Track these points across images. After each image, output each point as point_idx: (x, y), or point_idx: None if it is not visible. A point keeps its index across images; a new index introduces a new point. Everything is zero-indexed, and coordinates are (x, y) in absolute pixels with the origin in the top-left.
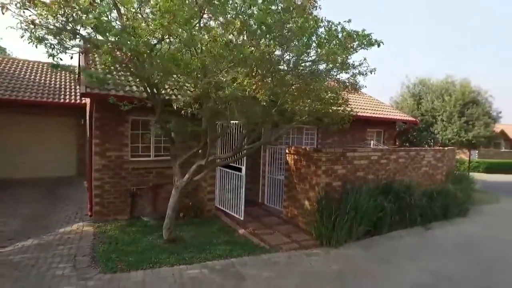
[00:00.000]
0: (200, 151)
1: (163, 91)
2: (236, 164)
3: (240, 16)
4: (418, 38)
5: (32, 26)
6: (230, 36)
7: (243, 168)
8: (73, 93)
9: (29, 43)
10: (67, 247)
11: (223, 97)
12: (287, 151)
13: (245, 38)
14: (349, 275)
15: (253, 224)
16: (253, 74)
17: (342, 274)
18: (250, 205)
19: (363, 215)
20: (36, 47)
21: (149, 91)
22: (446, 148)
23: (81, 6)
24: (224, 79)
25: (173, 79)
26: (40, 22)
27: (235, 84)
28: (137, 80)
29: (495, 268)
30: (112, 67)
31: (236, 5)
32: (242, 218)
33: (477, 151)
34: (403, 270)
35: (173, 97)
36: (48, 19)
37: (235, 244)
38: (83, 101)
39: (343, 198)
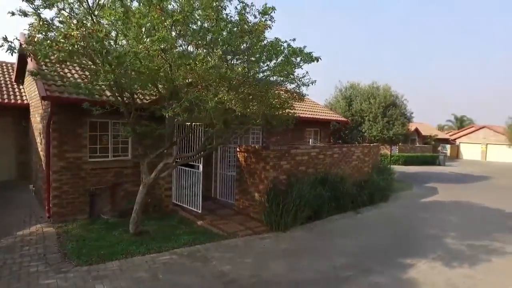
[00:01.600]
0: (165, 151)
1: (137, 99)
2: (194, 162)
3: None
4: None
5: None
6: (212, 61)
7: (200, 166)
8: (11, 93)
9: None
10: (33, 247)
11: (208, 108)
12: (238, 149)
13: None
14: (296, 251)
15: (210, 216)
16: (229, 90)
17: (290, 250)
18: (204, 200)
19: (306, 203)
20: None
21: (118, 96)
22: (372, 144)
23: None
24: (209, 95)
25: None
26: None
27: (216, 98)
28: (113, 88)
29: (406, 237)
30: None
31: (205, 30)
32: (199, 211)
33: (397, 147)
34: (337, 244)
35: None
36: None
37: (196, 233)
38: (25, 102)
39: (289, 189)
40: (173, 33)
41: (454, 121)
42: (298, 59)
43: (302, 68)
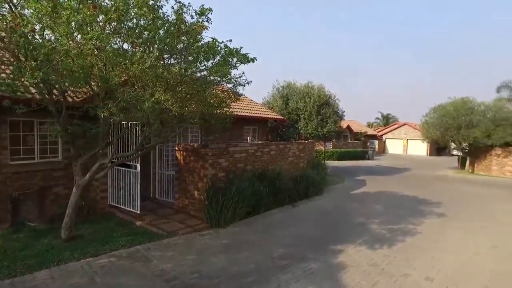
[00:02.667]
0: (100, 151)
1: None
2: (132, 162)
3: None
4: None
5: None
6: (149, 61)
7: (138, 166)
8: None
9: None
10: None
11: (145, 109)
12: (176, 148)
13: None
14: (236, 245)
15: (149, 216)
16: (166, 89)
17: (230, 245)
18: (143, 200)
19: (244, 199)
20: None
21: (46, 94)
22: (307, 141)
23: None
24: (146, 95)
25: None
26: None
27: (153, 98)
28: (41, 84)
29: (338, 226)
30: None
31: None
32: (138, 212)
33: (331, 143)
34: (275, 236)
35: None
36: None
37: (135, 234)
38: None
39: (228, 186)
40: (108, 31)
41: (381, 118)
42: (235, 59)
43: (237, 69)
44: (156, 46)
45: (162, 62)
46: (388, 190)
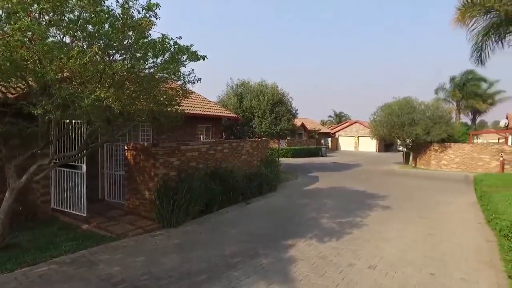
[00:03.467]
0: (39, 151)
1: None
2: (76, 162)
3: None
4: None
5: None
6: (87, 56)
7: (84, 166)
8: None
9: None
10: None
11: (84, 106)
12: (126, 147)
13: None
14: (188, 244)
15: (97, 219)
16: (108, 86)
17: (183, 245)
18: (90, 202)
19: (197, 197)
20: None
21: None
22: (260, 139)
23: None
24: (85, 92)
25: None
26: None
27: (93, 96)
28: None
29: (290, 221)
30: None
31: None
32: (84, 215)
33: (285, 140)
34: (228, 234)
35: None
36: None
37: (81, 239)
38: None
39: (180, 185)
40: (43, 22)
41: (334, 117)
42: (185, 57)
43: (185, 66)
44: (102, 41)
45: (108, 58)
46: (339, 186)
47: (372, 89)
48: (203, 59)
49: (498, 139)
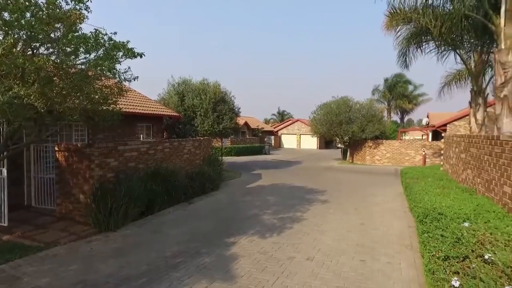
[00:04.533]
0: None
1: None
2: None
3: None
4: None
5: None
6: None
7: (4, 170)
8: None
9: None
10: None
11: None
12: (57, 148)
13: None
14: (127, 248)
15: (22, 228)
16: (32, 83)
17: (122, 249)
18: (13, 209)
19: (137, 199)
20: None
21: None
22: (203, 138)
23: None
24: (0, 88)
25: None
26: None
27: (10, 92)
28: None
29: (232, 219)
30: None
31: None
32: (5, 224)
33: (229, 139)
34: (169, 235)
35: None
36: None
37: (0, 252)
38: None
39: (118, 187)
40: None
41: (277, 115)
42: (120, 53)
43: (120, 64)
44: (23, 32)
45: (31, 51)
46: (281, 182)
47: (315, 88)
48: (140, 57)
49: (422, 136)
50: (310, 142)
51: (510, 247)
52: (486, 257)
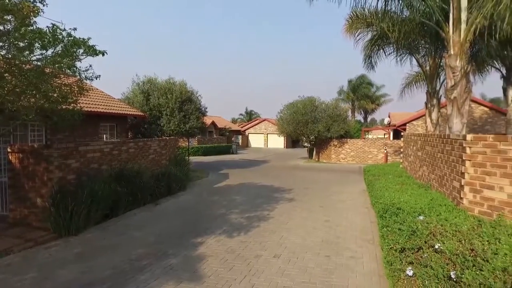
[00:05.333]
0: None
1: None
2: None
3: None
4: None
5: None
6: None
7: None
8: None
9: None
10: None
11: None
12: (9, 149)
13: None
14: (90, 252)
15: None
16: None
17: (84, 253)
18: None
19: (100, 201)
20: None
21: None
22: (169, 138)
23: None
24: None
25: None
26: None
27: None
28: None
29: (200, 219)
30: None
31: None
32: None
33: (196, 139)
34: (135, 237)
35: None
36: None
37: None
38: None
39: (79, 190)
40: None
41: (244, 114)
42: (81, 51)
43: (81, 62)
44: None
45: None
46: (249, 182)
47: (282, 89)
48: (103, 55)
49: (384, 135)
50: (277, 142)
51: (457, 237)
52: (436, 247)
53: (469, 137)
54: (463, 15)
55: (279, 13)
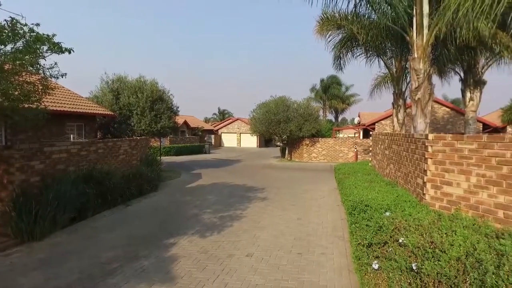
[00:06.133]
0: None
1: None
2: None
3: None
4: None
5: None
6: None
7: None
8: None
9: None
10: None
11: None
12: None
13: None
14: (56, 258)
15: None
16: None
17: (49, 259)
18: None
19: (67, 204)
20: None
21: None
22: (140, 137)
23: None
24: None
25: None
26: None
27: None
28: None
29: (172, 220)
30: None
31: None
32: None
33: (168, 138)
34: (104, 240)
35: None
36: None
37: None
38: None
39: (44, 192)
40: None
41: (218, 114)
42: (45, 47)
43: (45, 59)
44: None
45: None
46: (221, 181)
47: (255, 88)
48: (69, 52)
49: (354, 134)
50: (250, 141)
51: (419, 230)
52: (400, 241)
53: (430, 136)
54: (425, 21)
55: (254, 11)
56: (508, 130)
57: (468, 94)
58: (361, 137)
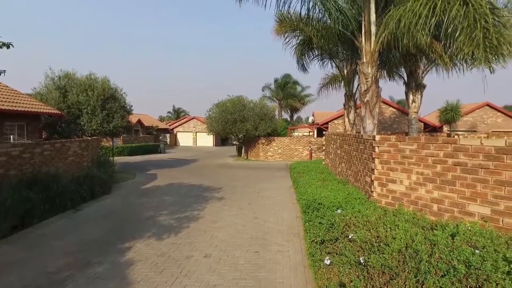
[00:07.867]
0: None
1: None
2: None
3: None
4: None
5: None
6: None
7: None
8: None
9: None
10: None
11: None
12: None
13: None
14: None
15: None
16: None
17: None
18: None
19: (7, 211)
20: None
21: None
22: (91, 138)
23: None
24: None
25: None
26: None
27: None
28: None
29: (126, 223)
30: None
31: None
32: None
33: (120, 138)
34: (52, 247)
35: None
36: None
37: None
38: None
39: None
40: None
41: (172, 112)
42: None
43: None
44: None
45: None
46: (178, 181)
47: (211, 87)
48: (8, 47)
49: (309, 132)
50: (207, 140)
51: (367, 226)
52: (350, 236)
53: (377, 137)
54: (373, 29)
55: (209, 10)
56: (444, 129)
57: (411, 97)
58: (315, 135)
